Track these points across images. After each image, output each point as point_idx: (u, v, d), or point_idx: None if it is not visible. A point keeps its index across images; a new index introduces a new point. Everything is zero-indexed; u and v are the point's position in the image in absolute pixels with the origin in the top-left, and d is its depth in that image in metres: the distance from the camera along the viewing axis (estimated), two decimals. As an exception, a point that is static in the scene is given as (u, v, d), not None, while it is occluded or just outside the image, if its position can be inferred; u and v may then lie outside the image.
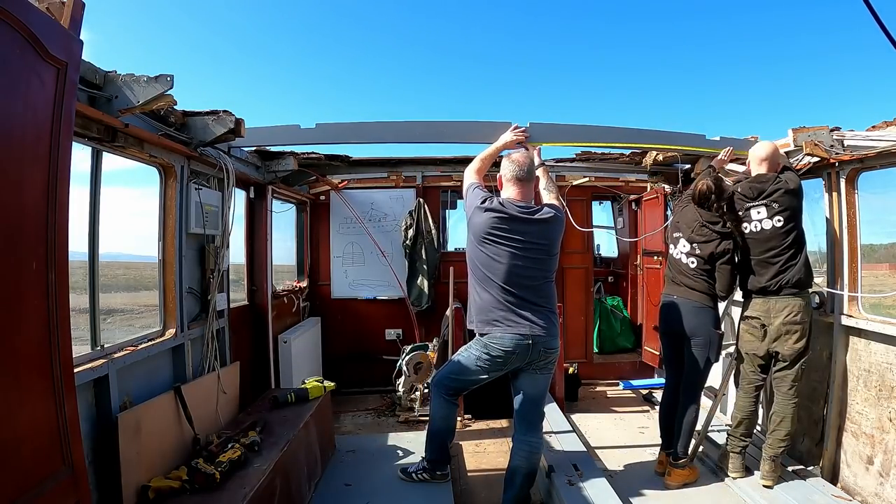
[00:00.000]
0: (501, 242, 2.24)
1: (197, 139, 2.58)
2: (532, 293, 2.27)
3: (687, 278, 2.81)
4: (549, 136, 2.96)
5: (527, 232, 2.26)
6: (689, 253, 2.81)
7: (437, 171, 4.92)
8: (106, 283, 2.30)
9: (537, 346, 2.25)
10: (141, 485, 1.98)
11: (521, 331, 2.23)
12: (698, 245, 2.78)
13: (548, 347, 2.29)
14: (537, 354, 2.28)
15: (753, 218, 2.69)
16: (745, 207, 2.72)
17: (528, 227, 2.27)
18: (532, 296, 2.27)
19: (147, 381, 2.34)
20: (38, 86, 1.30)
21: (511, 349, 2.24)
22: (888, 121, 2.52)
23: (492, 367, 2.33)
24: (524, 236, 2.25)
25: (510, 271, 2.24)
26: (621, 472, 3.06)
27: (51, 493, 1.31)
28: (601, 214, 6.64)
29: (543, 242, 2.29)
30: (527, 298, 2.26)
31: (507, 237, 2.24)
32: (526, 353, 2.26)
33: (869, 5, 1.38)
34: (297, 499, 2.52)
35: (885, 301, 2.89)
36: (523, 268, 2.25)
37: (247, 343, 3.56)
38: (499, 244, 2.25)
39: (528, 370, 2.34)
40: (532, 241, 2.26)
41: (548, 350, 2.30)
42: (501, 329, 2.25)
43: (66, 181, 1.42)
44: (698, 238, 2.78)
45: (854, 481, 2.62)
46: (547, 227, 2.30)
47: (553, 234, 2.32)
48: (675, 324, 2.81)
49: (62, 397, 1.38)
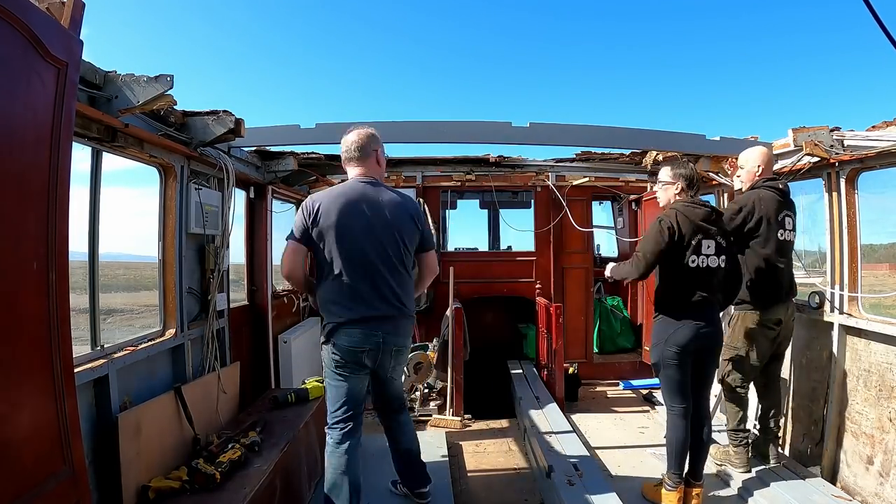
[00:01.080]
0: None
1: (197, 139, 2.58)
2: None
3: (714, 289, 2.44)
4: (549, 136, 2.96)
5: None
6: (717, 252, 2.41)
7: (437, 171, 4.92)
8: (106, 283, 2.30)
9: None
10: (141, 485, 1.98)
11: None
12: (723, 238, 2.44)
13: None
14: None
15: (787, 227, 2.72)
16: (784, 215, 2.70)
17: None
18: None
19: (147, 381, 2.34)
20: (38, 86, 1.30)
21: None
22: (888, 121, 2.52)
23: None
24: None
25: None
26: (621, 472, 3.05)
27: (51, 493, 1.31)
28: (601, 214, 6.65)
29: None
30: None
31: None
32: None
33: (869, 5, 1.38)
34: (297, 499, 2.52)
35: (885, 301, 2.90)
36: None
37: (247, 343, 3.56)
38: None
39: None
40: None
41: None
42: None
43: (66, 181, 1.42)
44: (718, 232, 2.44)
45: (854, 481, 2.62)
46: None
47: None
48: (709, 340, 2.45)
49: (62, 397, 1.38)
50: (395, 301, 2.10)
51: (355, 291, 2.05)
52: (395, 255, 2.11)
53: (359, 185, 2.14)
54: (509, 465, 3.24)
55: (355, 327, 2.05)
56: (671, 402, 2.50)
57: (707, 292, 2.41)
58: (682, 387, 2.45)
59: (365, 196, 2.10)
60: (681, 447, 2.49)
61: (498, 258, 5.30)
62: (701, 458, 2.54)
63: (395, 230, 2.11)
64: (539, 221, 5.07)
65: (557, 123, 3.01)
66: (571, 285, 5.09)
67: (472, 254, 5.28)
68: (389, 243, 2.10)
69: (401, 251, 2.13)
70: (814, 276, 3.05)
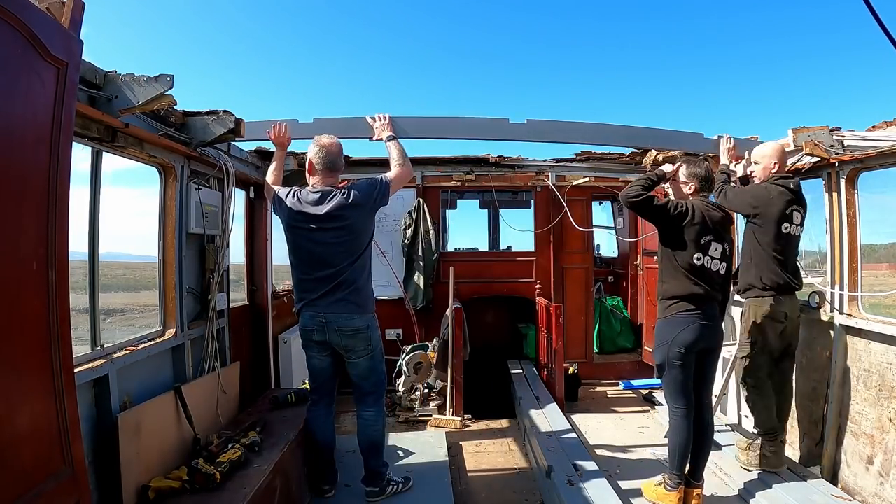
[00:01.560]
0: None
1: (197, 139, 2.58)
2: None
3: (717, 290, 2.47)
4: (546, 132, 2.95)
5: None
6: (721, 258, 2.43)
7: (437, 171, 4.92)
8: (106, 283, 2.31)
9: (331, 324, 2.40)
10: (141, 485, 1.98)
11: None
12: (729, 246, 2.47)
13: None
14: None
15: (794, 221, 2.69)
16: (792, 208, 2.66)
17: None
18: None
19: (147, 381, 2.34)
20: (38, 86, 1.30)
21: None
22: (888, 121, 2.52)
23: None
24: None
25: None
26: (621, 472, 3.05)
27: (51, 493, 1.31)
28: (601, 214, 6.66)
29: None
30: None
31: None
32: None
33: (869, 5, 1.38)
34: (297, 499, 2.52)
35: (885, 301, 2.90)
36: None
37: (247, 343, 3.56)
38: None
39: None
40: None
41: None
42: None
43: (66, 181, 1.42)
44: (727, 237, 2.47)
45: (854, 481, 2.62)
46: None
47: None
48: (714, 340, 2.49)
49: (62, 397, 1.37)
50: (337, 287, 2.39)
51: (305, 281, 2.44)
52: (340, 251, 2.39)
53: (309, 195, 2.42)
54: (509, 465, 3.24)
55: (306, 310, 2.44)
56: (674, 404, 2.50)
57: (711, 291, 2.43)
58: (685, 388, 2.46)
59: (313, 205, 2.38)
60: (683, 448, 2.49)
61: (498, 258, 5.30)
62: (702, 459, 2.53)
63: (338, 230, 2.37)
64: (539, 221, 5.07)
65: (555, 120, 3.00)
66: (571, 285, 5.09)
67: (472, 254, 5.28)
68: (335, 241, 2.38)
69: (348, 244, 2.40)
70: (814, 276, 3.05)
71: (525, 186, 5.07)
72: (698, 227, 2.37)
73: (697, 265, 2.39)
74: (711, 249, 2.40)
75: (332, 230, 2.36)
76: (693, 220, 2.37)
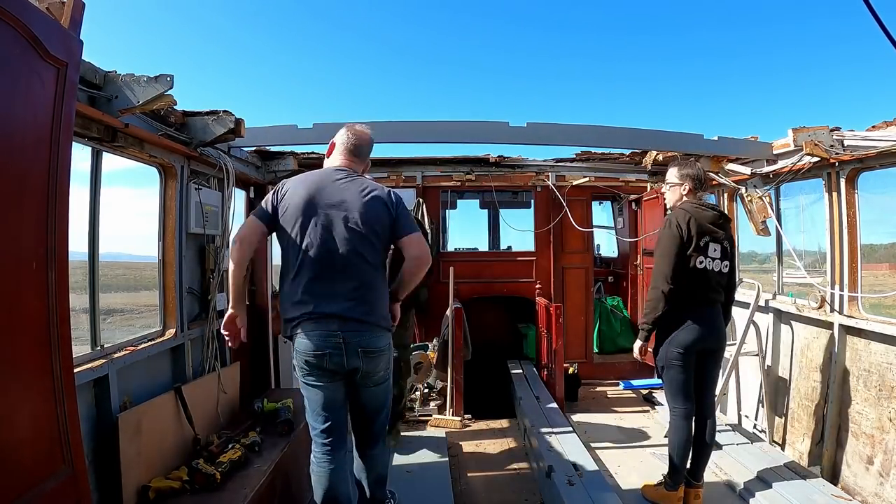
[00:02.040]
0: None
1: (197, 139, 2.58)
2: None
3: (719, 287, 2.48)
4: (546, 135, 2.95)
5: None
6: (721, 256, 2.45)
7: (437, 171, 4.92)
8: (106, 283, 2.30)
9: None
10: (141, 485, 1.98)
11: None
12: (729, 244, 2.48)
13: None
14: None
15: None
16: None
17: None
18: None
19: (147, 381, 2.34)
20: (38, 86, 1.30)
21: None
22: (888, 121, 2.52)
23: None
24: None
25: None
26: (621, 472, 3.05)
27: (51, 493, 1.31)
28: (601, 214, 6.65)
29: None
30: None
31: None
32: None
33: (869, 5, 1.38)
34: (297, 499, 2.52)
35: (885, 301, 2.90)
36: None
37: (247, 343, 3.55)
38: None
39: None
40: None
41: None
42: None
43: (66, 181, 1.42)
44: (725, 237, 2.48)
45: (854, 481, 2.62)
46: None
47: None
48: (713, 341, 2.48)
49: (62, 397, 1.37)
50: (353, 299, 1.86)
51: (312, 285, 1.86)
52: (361, 250, 1.88)
53: (332, 173, 1.98)
54: (509, 466, 3.24)
55: (313, 328, 1.85)
56: (674, 404, 2.50)
57: (711, 294, 2.43)
58: (685, 388, 2.46)
59: (335, 184, 1.93)
60: (683, 449, 2.49)
61: (498, 258, 5.30)
62: (703, 460, 2.53)
63: (362, 222, 1.88)
64: (539, 221, 5.07)
65: (555, 123, 3.00)
66: (571, 285, 5.09)
67: (472, 254, 5.28)
68: (355, 236, 1.87)
69: (370, 244, 1.90)
70: (814, 276, 3.05)
71: (525, 186, 5.07)
72: (695, 233, 2.39)
73: (699, 269, 2.40)
74: (710, 250, 2.41)
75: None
76: (689, 230, 2.39)
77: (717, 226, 2.45)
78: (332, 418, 1.92)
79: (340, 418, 1.96)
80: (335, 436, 1.93)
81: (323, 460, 1.93)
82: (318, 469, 1.94)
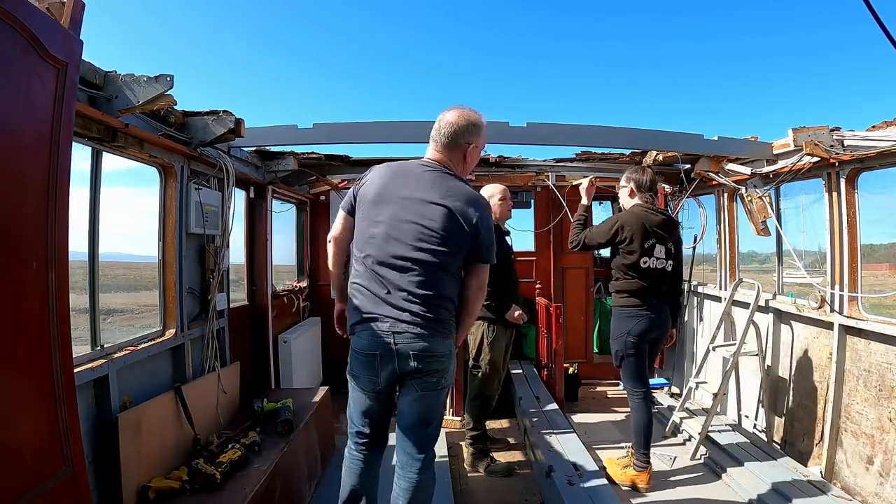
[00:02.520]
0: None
1: (197, 139, 2.58)
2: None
3: (664, 283, 2.81)
4: (546, 135, 2.95)
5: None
6: (666, 257, 2.80)
7: None
8: (106, 283, 2.30)
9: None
10: (141, 485, 1.98)
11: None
12: (674, 244, 2.85)
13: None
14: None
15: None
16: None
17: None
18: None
19: (147, 381, 2.34)
20: (38, 86, 1.30)
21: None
22: (888, 121, 2.52)
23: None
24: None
25: None
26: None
27: (51, 493, 1.31)
28: (601, 214, 6.65)
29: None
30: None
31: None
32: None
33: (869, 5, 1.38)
34: (297, 499, 2.52)
35: (885, 301, 2.89)
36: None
37: (247, 343, 3.56)
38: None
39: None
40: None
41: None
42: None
43: (66, 181, 1.42)
44: (669, 238, 2.82)
45: (854, 481, 2.62)
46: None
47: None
48: (660, 329, 2.86)
49: (62, 397, 1.38)
50: (408, 303, 1.71)
51: (372, 282, 1.74)
52: (427, 251, 1.72)
53: (415, 167, 1.83)
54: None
55: (365, 328, 1.74)
56: (634, 388, 2.83)
57: (658, 287, 2.79)
58: (641, 372, 2.83)
59: (418, 179, 1.78)
60: (647, 427, 2.81)
61: None
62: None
63: (435, 219, 1.72)
64: (539, 221, 5.07)
65: (555, 123, 3.00)
66: (571, 285, 5.09)
67: None
68: (421, 237, 1.72)
69: (438, 246, 1.73)
70: (814, 276, 3.05)
71: (525, 186, 5.06)
72: (637, 236, 2.72)
73: (644, 268, 2.75)
74: (655, 251, 2.76)
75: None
76: (631, 235, 2.73)
77: (663, 229, 2.78)
78: (372, 421, 1.84)
79: (382, 421, 1.88)
80: (372, 437, 1.86)
81: (356, 457, 1.88)
82: (349, 464, 1.89)
